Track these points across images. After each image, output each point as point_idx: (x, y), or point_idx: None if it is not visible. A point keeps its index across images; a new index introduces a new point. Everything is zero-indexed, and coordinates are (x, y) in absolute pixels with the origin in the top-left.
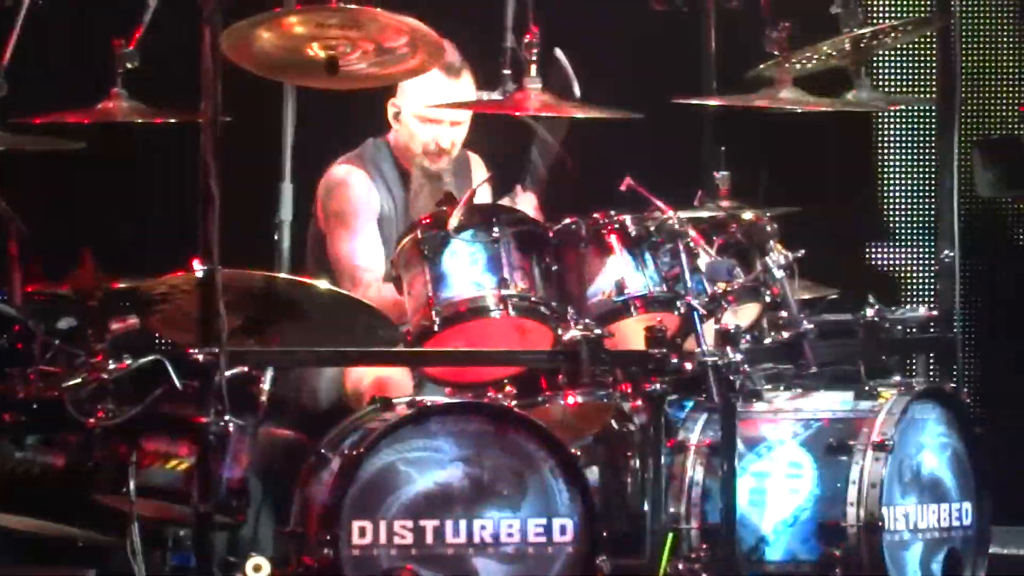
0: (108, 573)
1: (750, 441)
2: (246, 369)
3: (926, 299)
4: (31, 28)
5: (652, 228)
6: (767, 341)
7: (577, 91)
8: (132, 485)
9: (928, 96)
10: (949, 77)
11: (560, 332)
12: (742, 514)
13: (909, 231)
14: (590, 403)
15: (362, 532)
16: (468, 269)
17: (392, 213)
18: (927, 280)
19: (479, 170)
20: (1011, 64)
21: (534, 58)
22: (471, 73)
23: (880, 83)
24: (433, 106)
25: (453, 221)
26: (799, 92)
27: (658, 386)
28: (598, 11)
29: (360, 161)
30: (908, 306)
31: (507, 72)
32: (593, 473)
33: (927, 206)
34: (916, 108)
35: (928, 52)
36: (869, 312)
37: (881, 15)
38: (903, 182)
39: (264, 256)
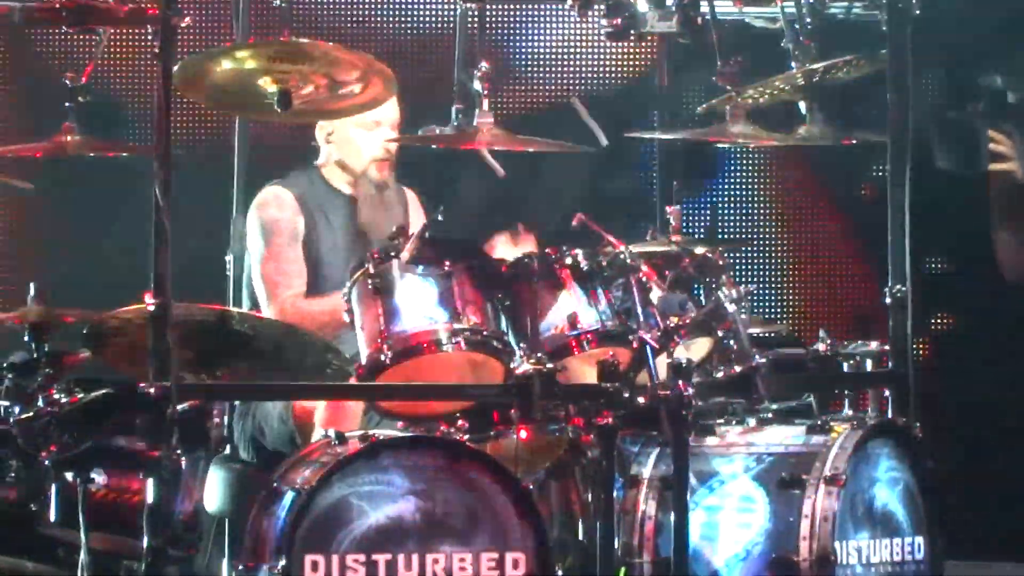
0: None
1: (702, 475)
2: (198, 403)
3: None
4: None
5: (604, 263)
6: (719, 375)
7: (603, 140)
8: (83, 519)
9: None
10: (901, 112)
11: (512, 366)
12: (695, 548)
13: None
14: (543, 437)
15: (315, 566)
16: (420, 303)
17: (321, 237)
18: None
19: (417, 207)
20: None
21: (485, 92)
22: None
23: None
24: (390, 140)
25: (405, 255)
26: (751, 127)
27: (610, 420)
28: (549, 45)
29: (288, 185)
30: (860, 340)
31: (458, 106)
32: (546, 507)
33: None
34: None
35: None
36: (821, 347)
37: (833, 50)
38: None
39: (216, 289)
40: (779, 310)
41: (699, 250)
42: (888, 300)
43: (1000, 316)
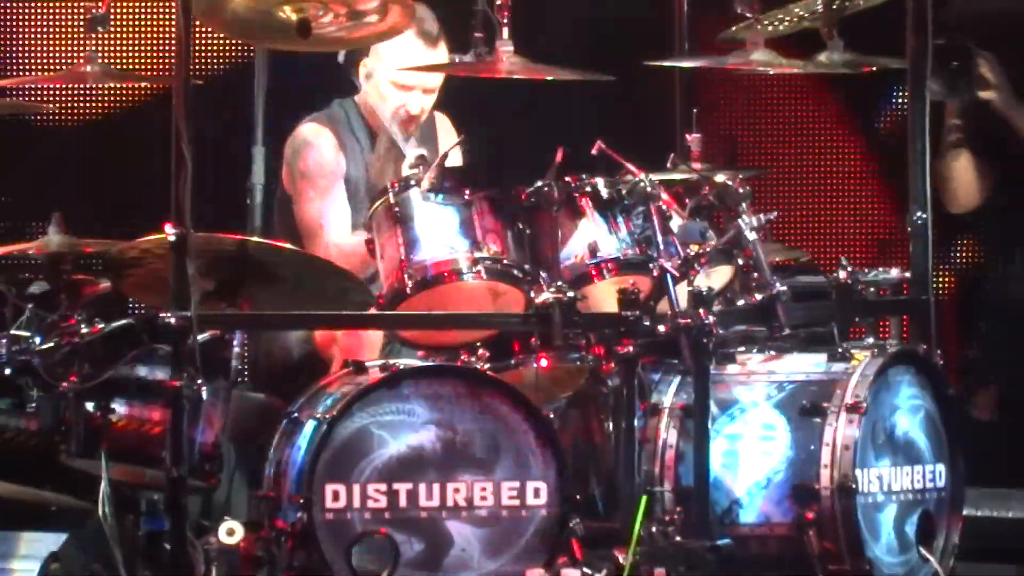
0: (81, 537)
1: (723, 403)
2: (218, 333)
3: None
4: None
5: (624, 191)
6: (740, 303)
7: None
8: (104, 449)
9: (900, 58)
10: (921, 39)
11: (533, 295)
12: (715, 477)
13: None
14: (563, 366)
15: (335, 496)
16: (440, 232)
17: (359, 174)
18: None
19: (447, 132)
20: None
21: (505, 20)
22: (447, 41)
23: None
24: (407, 69)
25: (425, 184)
26: (771, 54)
27: (631, 349)
28: None
29: (327, 121)
30: (881, 268)
31: (479, 35)
32: (566, 436)
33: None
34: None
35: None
36: (842, 274)
37: None
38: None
39: (237, 220)
40: (800, 238)
41: (719, 178)
42: (908, 228)
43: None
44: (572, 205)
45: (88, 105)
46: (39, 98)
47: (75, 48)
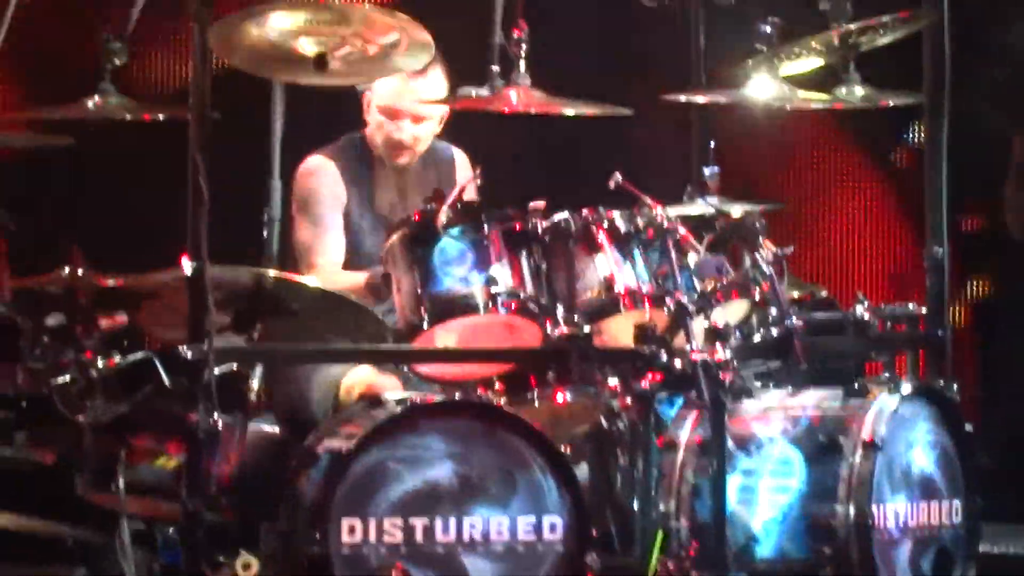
0: (98, 571)
1: (740, 439)
2: (235, 366)
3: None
4: (19, 23)
5: (641, 225)
6: (756, 338)
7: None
8: (121, 482)
9: (917, 92)
10: (938, 72)
11: (549, 329)
12: (732, 512)
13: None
14: (579, 401)
15: (351, 530)
16: (457, 266)
17: (361, 207)
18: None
19: (464, 167)
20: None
21: (522, 54)
22: (444, 69)
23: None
24: (427, 102)
25: (442, 218)
26: (788, 89)
27: (647, 384)
28: (586, 6)
29: (332, 152)
30: (897, 303)
31: (495, 68)
32: (582, 471)
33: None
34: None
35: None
36: (858, 309)
37: (870, 10)
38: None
39: (253, 253)
40: (817, 272)
41: (736, 212)
42: (925, 262)
43: None
44: (589, 239)
45: (105, 138)
46: (57, 130)
47: (93, 80)
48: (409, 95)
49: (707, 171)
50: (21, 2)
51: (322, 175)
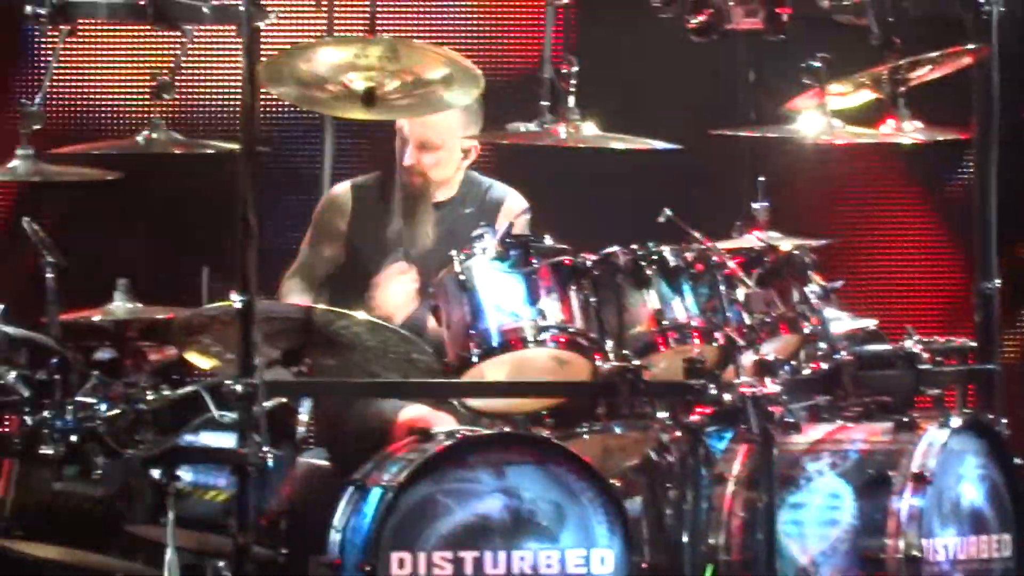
0: None
1: (789, 473)
2: (284, 400)
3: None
4: (69, 59)
5: (690, 259)
6: (805, 372)
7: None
8: (170, 516)
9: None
10: (987, 105)
11: (598, 363)
12: (782, 546)
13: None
14: (629, 434)
15: (401, 564)
16: (506, 300)
17: (369, 239)
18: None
19: (512, 211)
20: None
21: (572, 89)
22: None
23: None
24: (470, 137)
25: (491, 252)
26: (837, 123)
27: (697, 418)
28: (637, 41)
29: (357, 182)
30: (948, 337)
31: (544, 103)
32: (632, 504)
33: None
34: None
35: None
36: (908, 343)
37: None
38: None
39: None
40: (866, 306)
41: (785, 246)
42: (975, 297)
43: None
44: (638, 273)
45: (154, 171)
46: (106, 164)
47: (142, 114)
48: (430, 125)
49: (756, 206)
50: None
51: (330, 203)
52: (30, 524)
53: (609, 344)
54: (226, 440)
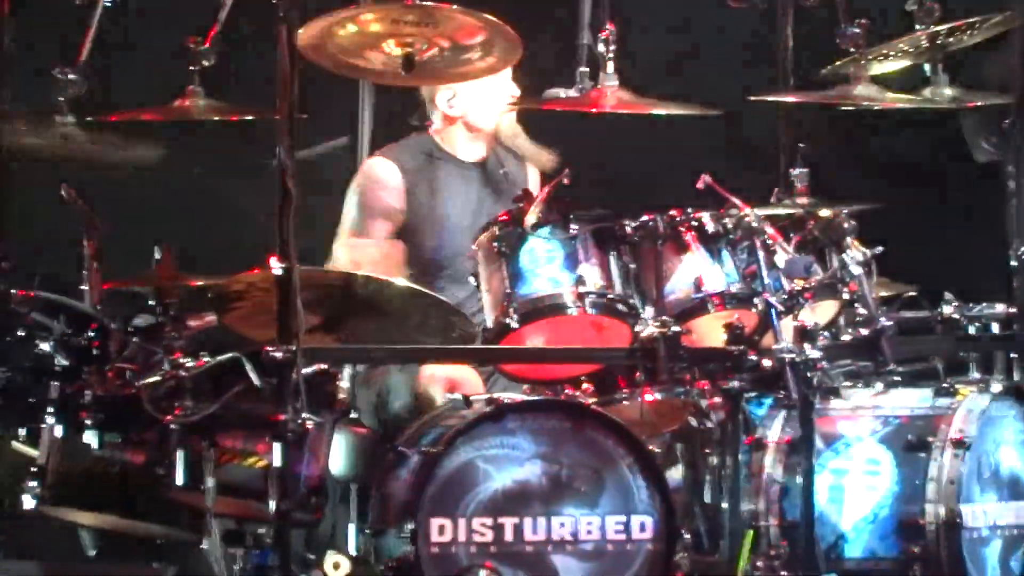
0: (188, 570)
1: (828, 438)
2: (324, 366)
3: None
4: (107, 27)
5: (730, 225)
6: (845, 338)
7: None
8: (210, 482)
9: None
10: None
11: (637, 329)
12: (821, 511)
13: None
14: (668, 400)
15: (441, 530)
16: (545, 266)
17: (436, 201)
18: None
19: (536, 184)
20: None
21: (610, 55)
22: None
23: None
24: (512, 105)
25: (530, 218)
26: (876, 89)
27: (736, 383)
28: (675, 8)
29: (394, 153)
30: (986, 303)
31: (583, 69)
32: (671, 470)
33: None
34: None
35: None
36: (947, 309)
37: (958, 11)
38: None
39: None
40: (905, 272)
41: (824, 212)
42: (1013, 262)
43: None
44: (677, 239)
45: (194, 139)
46: (144, 133)
47: (180, 82)
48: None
49: (796, 171)
50: (109, 7)
51: (380, 178)
52: (71, 491)
53: (648, 310)
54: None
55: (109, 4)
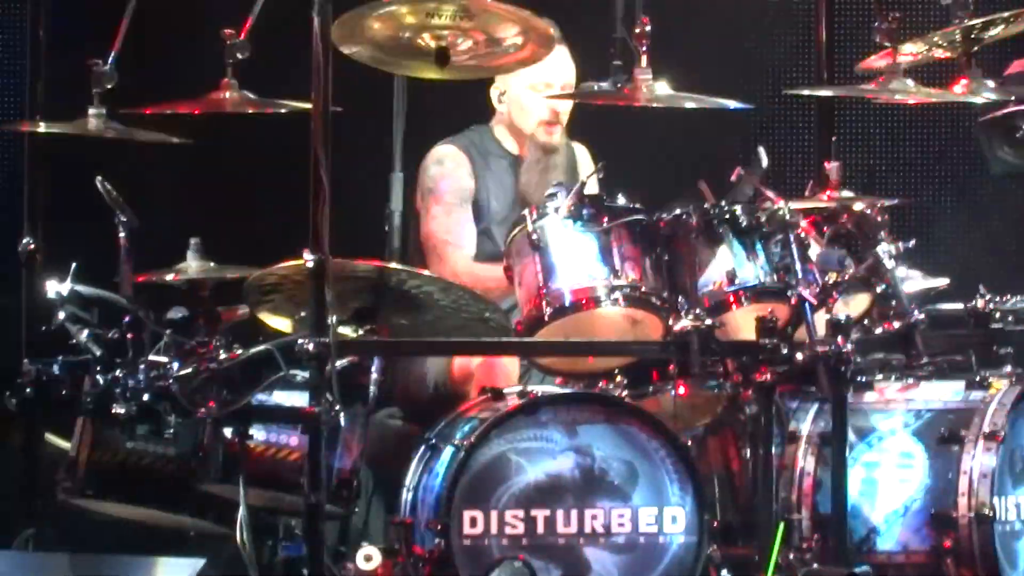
0: (219, 563)
1: (861, 431)
2: (357, 359)
3: None
4: (141, 19)
5: (763, 218)
6: (878, 331)
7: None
8: (242, 475)
9: None
10: None
11: (671, 322)
12: (853, 504)
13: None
14: (701, 393)
15: (473, 522)
16: (579, 259)
17: (490, 197)
18: None
19: (586, 163)
20: None
21: (644, 48)
22: (568, 47)
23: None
24: (552, 97)
25: (563, 210)
26: (910, 83)
27: (769, 376)
28: (710, 1)
29: (460, 142)
30: (1020, 296)
31: (618, 63)
32: (704, 463)
33: None
34: None
35: None
36: (980, 302)
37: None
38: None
39: (375, 246)
40: (938, 266)
41: (858, 206)
42: None
43: None
44: (711, 232)
45: (227, 131)
46: (178, 126)
47: (214, 75)
48: (543, 69)
49: (829, 165)
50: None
51: (452, 165)
52: (103, 483)
53: (681, 303)
54: (298, 399)
55: None
